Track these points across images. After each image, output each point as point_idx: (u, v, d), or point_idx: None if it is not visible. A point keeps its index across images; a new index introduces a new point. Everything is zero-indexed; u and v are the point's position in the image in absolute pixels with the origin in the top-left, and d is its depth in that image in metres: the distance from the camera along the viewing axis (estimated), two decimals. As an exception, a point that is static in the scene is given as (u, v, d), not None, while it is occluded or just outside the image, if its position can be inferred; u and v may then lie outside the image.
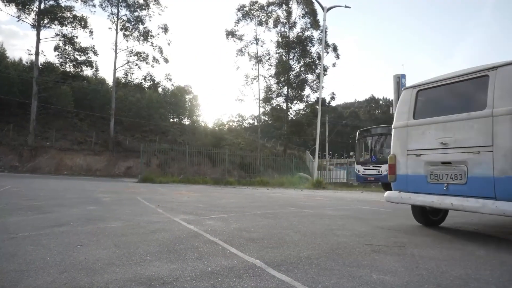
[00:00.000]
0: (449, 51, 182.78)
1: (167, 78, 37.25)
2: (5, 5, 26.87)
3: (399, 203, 4.00)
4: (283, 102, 32.35)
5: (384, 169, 14.12)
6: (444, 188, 3.49)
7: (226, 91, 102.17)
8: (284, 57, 31.91)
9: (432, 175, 3.66)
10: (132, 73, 33.15)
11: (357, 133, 16.47)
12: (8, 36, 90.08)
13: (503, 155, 3.02)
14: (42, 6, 28.01)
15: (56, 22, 28.50)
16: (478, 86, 3.47)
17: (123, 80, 33.46)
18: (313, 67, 31.46)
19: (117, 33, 30.55)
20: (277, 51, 32.27)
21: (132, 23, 31.07)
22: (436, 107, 3.89)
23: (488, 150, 3.13)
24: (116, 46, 30.40)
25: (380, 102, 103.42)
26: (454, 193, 3.40)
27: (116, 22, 30.60)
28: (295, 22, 31.88)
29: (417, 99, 4.03)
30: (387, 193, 4.20)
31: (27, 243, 2.85)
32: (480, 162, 3.19)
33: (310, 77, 31.98)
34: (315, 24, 31.18)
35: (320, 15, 30.50)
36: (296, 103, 32.86)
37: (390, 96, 60.65)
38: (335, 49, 31.32)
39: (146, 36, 31.24)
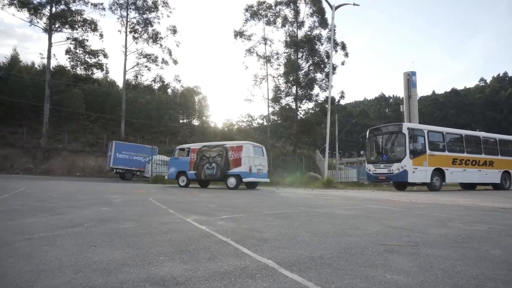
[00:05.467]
0: (462, 47, 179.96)
1: (176, 79, 37.62)
2: (18, 10, 27.45)
3: None
4: (292, 101, 32.26)
5: (395, 167, 13.97)
6: None
7: (235, 91, 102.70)
8: (292, 56, 31.81)
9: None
10: (142, 75, 33.50)
11: (368, 132, 16.31)
12: (22, 40, 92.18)
13: None
14: (53, 10, 28.49)
15: (67, 26, 29.03)
16: None
17: (133, 82, 33.82)
18: (322, 66, 31.30)
19: (126, 35, 30.97)
20: (286, 51, 32.23)
21: (141, 26, 31.43)
22: None
23: None
24: (126, 48, 30.77)
25: (390, 100, 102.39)
26: None
27: (125, 25, 31.01)
28: (303, 21, 31.78)
29: None
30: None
31: (43, 243, 2.90)
32: None
33: (319, 76, 31.86)
34: (323, 23, 31.02)
35: (328, 14, 30.36)
36: (305, 102, 32.74)
37: (400, 93, 60.04)
38: (343, 47, 31.13)
39: (155, 38, 31.54)
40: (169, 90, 39.27)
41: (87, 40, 29.90)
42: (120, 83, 35.90)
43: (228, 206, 6.51)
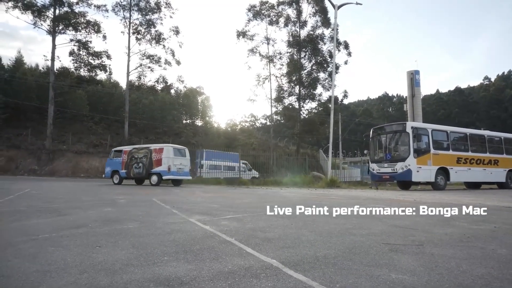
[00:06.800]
0: (465, 46, 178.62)
1: (179, 80, 37.63)
2: (22, 13, 27.60)
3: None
4: (295, 101, 32.23)
5: (399, 167, 13.91)
6: None
7: (238, 91, 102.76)
8: (295, 56, 31.79)
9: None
10: (145, 76, 33.58)
11: (371, 131, 16.23)
12: (26, 42, 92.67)
13: None
14: (57, 12, 28.61)
15: (70, 28, 29.14)
16: None
17: (136, 83, 33.91)
18: (325, 65, 31.25)
19: (129, 36, 31.05)
20: (288, 50, 32.21)
21: (144, 27, 31.50)
22: None
23: None
24: (129, 49, 30.87)
25: (394, 99, 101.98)
26: None
27: (128, 26, 31.09)
28: (305, 21, 31.76)
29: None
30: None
31: (48, 244, 2.91)
32: None
33: (322, 75, 31.81)
34: (326, 22, 30.99)
35: (331, 13, 30.36)
36: (308, 102, 32.71)
37: (404, 92, 59.75)
38: (346, 46, 31.09)
39: (158, 39, 31.59)
40: (172, 91, 39.35)
41: (90, 42, 30.01)
42: (123, 84, 36.10)
43: (231, 206, 6.51)
